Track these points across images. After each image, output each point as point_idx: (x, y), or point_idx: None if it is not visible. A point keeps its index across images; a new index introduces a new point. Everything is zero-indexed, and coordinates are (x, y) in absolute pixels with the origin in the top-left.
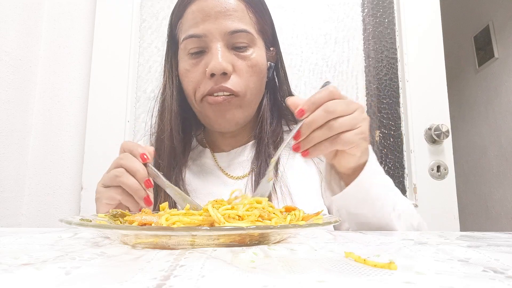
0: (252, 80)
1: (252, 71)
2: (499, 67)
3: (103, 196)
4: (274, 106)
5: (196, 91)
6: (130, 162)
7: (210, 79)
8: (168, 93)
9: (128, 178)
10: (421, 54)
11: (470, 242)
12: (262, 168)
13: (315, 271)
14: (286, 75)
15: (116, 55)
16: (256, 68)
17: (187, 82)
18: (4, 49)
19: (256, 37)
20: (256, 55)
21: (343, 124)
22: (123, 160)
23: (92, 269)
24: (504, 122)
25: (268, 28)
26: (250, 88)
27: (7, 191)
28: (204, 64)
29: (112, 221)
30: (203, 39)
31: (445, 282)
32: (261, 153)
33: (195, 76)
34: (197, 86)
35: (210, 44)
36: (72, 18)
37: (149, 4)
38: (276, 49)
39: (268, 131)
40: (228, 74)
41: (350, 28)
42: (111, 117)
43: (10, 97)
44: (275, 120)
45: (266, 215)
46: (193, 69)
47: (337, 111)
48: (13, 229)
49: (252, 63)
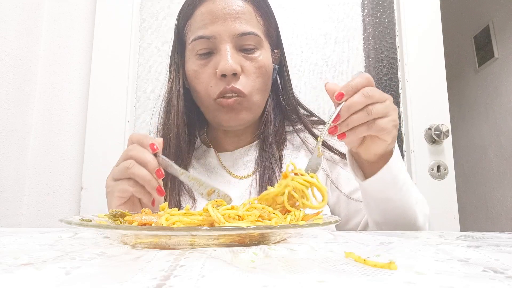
0: (259, 81)
1: (259, 73)
2: (499, 67)
3: (114, 189)
4: (277, 107)
5: (209, 91)
6: (140, 153)
7: (220, 80)
8: (175, 93)
9: (139, 169)
10: (421, 54)
11: (470, 242)
12: (266, 167)
13: (315, 271)
14: (289, 77)
15: (116, 55)
16: (263, 70)
17: (197, 83)
18: (4, 49)
19: (263, 40)
20: (263, 57)
21: (379, 110)
22: (133, 151)
23: (92, 269)
24: (504, 122)
25: (273, 31)
26: (256, 89)
27: (7, 191)
28: (213, 65)
29: (112, 221)
30: (212, 40)
31: (445, 282)
32: (265, 153)
33: (205, 77)
34: (207, 87)
35: (219, 46)
36: (72, 18)
37: (149, 4)
38: (280, 52)
39: (272, 131)
40: (238, 74)
41: (350, 28)
42: (111, 117)
43: (10, 97)
44: (278, 121)
45: (266, 215)
46: (202, 69)
47: (375, 97)
48: (13, 229)
49: (259, 65)
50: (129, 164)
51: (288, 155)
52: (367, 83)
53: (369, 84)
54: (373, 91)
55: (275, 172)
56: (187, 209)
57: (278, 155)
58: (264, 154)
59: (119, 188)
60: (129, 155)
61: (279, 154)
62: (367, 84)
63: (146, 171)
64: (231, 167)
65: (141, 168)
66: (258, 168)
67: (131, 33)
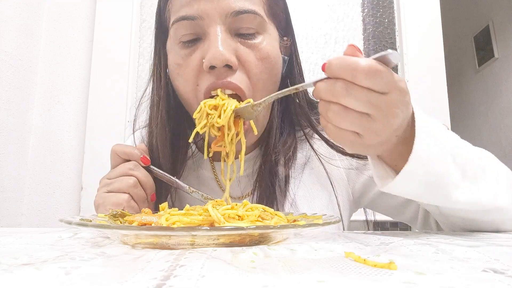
0: (263, 77)
1: (263, 66)
2: (499, 67)
3: (107, 201)
4: (286, 112)
5: (195, 91)
6: (142, 176)
7: (209, 74)
8: (155, 98)
9: (140, 190)
10: (421, 54)
11: (470, 242)
12: (265, 191)
13: (315, 271)
14: (302, 72)
15: (116, 55)
16: (268, 62)
17: (179, 81)
18: (4, 49)
19: (266, 22)
20: (266, 44)
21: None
22: (134, 171)
23: (92, 269)
24: (504, 122)
25: (281, 12)
26: (260, 88)
27: (7, 191)
28: (199, 55)
29: (112, 221)
30: (198, 22)
31: (445, 282)
32: (265, 173)
33: (189, 72)
34: (193, 86)
35: (207, 29)
36: (72, 18)
37: (149, 4)
38: (291, 40)
39: (277, 144)
40: (234, 67)
41: (350, 28)
42: (111, 117)
43: (10, 97)
44: (287, 130)
45: (268, 217)
46: (186, 62)
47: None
48: (13, 229)
49: (262, 55)
50: (132, 184)
51: (295, 175)
52: (373, 72)
53: (376, 75)
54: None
55: (277, 198)
56: (187, 209)
57: (284, 176)
58: (264, 174)
59: (113, 201)
60: (129, 173)
61: (285, 174)
62: (371, 73)
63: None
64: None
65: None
66: (256, 187)
67: (131, 33)
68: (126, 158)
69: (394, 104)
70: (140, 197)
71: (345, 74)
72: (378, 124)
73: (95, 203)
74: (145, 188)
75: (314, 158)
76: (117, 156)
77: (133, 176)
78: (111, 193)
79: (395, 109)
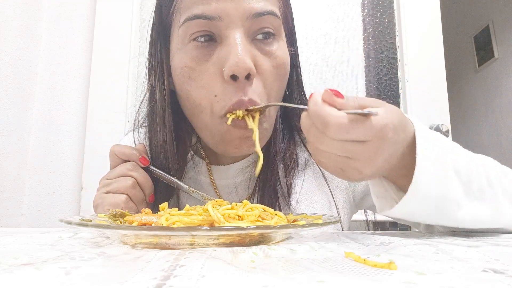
0: (275, 86)
1: (277, 74)
2: (499, 67)
3: (105, 201)
4: (285, 120)
5: (212, 102)
6: (141, 177)
7: (229, 85)
8: (159, 104)
9: (138, 191)
10: (421, 54)
11: (470, 242)
12: (266, 201)
13: (315, 271)
14: (301, 82)
15: (116, 55)
16: (282, 69)
17: (192, 86)
18: (4, 49)
19: (281, 26)
20: (281, 52)
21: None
22: (133, 172)
23: (92, 269)
24: (504, 122)
25: (290, 18)
26: (272, 96)
27: (7, 191)
28: (217, 60)
29: (112, 221)
30: (216, 23)
31: (445, 282)
32: (266, 181)
33: (205, 79)
34: (210, 95)
35: (226, 32)
36: (72, 18)
37: (149, 4)
38: (294, 50)
39: (278, 151)
40: (252, 76)
41: (350, 28)
42: (111, 117)
43: (10, 97)
44: (287, 137)
45: (268, 217)
46: (201, 67)
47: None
48: (13, 229)
49: (278, 62)
50: (131, 185)
51: (298, 184)
52: (345, 129)
53: (351, 128)
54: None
55: (280, 207)
56: (187, 209)
57: (286, 186)
58: (266, 181)
59: (111, 202)
60: (128, 174)
61: (288, 183)
62: (342, 130)
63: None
64: (223, 189)
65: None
66: (257, 192)
67: (131, 33)
68: (124, 158)
69: (375, 149)
70: (138, 198)
71: (318, 124)
72: (359, 163)
73: (94, 203)
74: (144, 189)
75: (313, 162)
76: (116, 157)
77: (131, 177)
78: (110, 194)
79: (377, 154)
